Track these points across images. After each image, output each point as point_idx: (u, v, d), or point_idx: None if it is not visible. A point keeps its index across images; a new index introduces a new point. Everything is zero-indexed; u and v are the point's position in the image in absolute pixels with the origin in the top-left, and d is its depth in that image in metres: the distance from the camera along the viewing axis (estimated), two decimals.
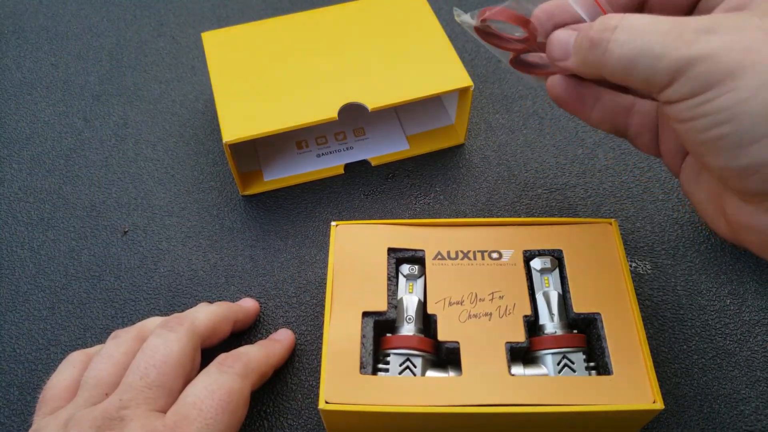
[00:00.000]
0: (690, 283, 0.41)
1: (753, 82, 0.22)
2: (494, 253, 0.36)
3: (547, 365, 0.32)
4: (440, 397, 0.30)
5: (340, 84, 0.44)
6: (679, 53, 0.23)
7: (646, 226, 0.44)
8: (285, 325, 0.40)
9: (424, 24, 0.48)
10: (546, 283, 0.35)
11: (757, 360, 0.38)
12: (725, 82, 0.22)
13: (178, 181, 0.48)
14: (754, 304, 0.40)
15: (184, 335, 0.33)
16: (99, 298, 0.42)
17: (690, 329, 0.39)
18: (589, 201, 0.45)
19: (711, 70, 0.22)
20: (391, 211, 0.46)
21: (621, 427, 0.33)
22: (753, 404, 0.37)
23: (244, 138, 0.41)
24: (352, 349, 0.32)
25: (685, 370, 0.38)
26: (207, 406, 0.30)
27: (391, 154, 0.49)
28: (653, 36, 0.23)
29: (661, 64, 0.23)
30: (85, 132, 0.51)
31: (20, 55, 0.57)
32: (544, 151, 0.48)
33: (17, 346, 0.40)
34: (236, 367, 0.32)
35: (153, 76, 0.55)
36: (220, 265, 0.43)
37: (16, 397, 0.38)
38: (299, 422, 0.37)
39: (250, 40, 0.48)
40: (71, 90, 0.54)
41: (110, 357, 0.32)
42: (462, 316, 0.33)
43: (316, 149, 0.49)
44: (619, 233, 0.36)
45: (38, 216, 0.46)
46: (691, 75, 0.23)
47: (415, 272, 0.36)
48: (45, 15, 0.61)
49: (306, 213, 0.46)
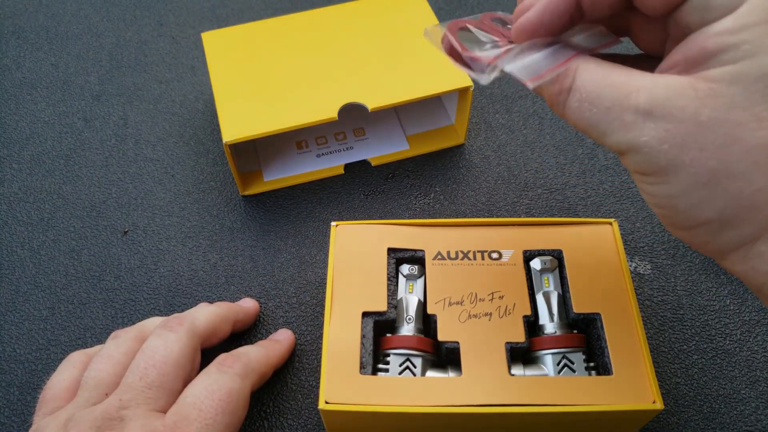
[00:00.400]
0: (690, 283, 0.41)
1: (683, 181, 0.22)
2: (494, 253, 0.36)
3: (547, 365, 0.32)
4: (440, 397, 0.30)
5: (340, 84, 0.44)
6: (618, 137, 0.23)
7: (646, 226, 0.44)
8: (285, 325, 0.40)
9: (424, 24, 0.48)
10: (546, 283, 0.35)
11: (756, 360, 0.38)
12: (659, 174, 0.23)
13: (178, 181, 0.48)
14: (754, 304, 0.40)
15: (184, 335, 0.33)
16: (99, 299, 0.42)
17: (690, 329, 0.39)
18: (589, 201, 0.45)
19: (646, 160, 0.23)
20: (391, 211, 0.46)
21: (621, 427, 0.33)
22: (753, 404, 0.37)
23: (244, 138, 0.41)
24: (352, 349, 0.32)
25: (685, 370, 0.38)
26: (207, 406, 0.30)
27: (391, 154, 0.49)
28: (598, 111, 0.23)
29: (606, 141, 0.24)
30: (85, 132, 0.51)
31: (20, 55, 0.57)
32: (544, 151, 0.48)
33: (17, 346, 0.40)
34: (236, 368, 0.32)
35: (153, 76, 0.55)
36: (220, 265, 0.43)
37: (16, 397, 0.38)
38: (299, 422, 0.37)
39: (250, 40, 0.48)
40: (71, 90, 0.54)
41: (110, 357, 0.32)
42: (462, 316, 0.33)
43: (316, 149, 0.49)
44: (619, 233, 0.36)
45: (38, 216, 0.46)
46: (631, 159, 0.23)
47: (415, 272, 0.36)
48: (45, 15, 0.61)
49: (306, 213, 0.46)
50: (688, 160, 0.22)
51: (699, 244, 0.24)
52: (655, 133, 0.22)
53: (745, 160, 0.21)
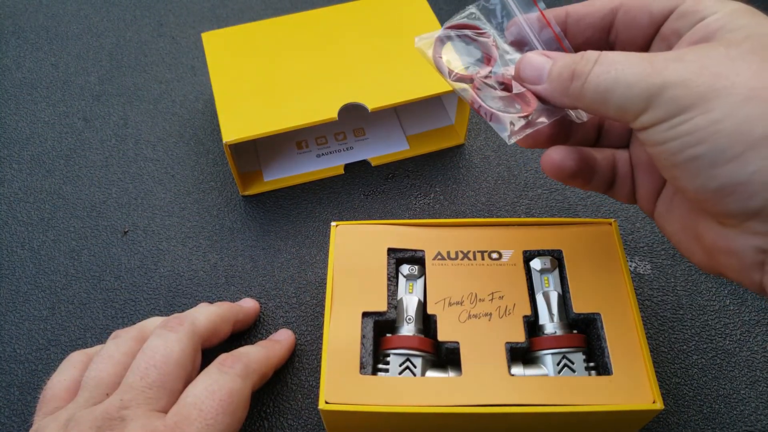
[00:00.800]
0: (690, 283, 0.41)
1: (726, 103, 0.23)
2: (494, 253, 0.36)
3: (547, 365, 0.32)
4: (440, 398, 0.30)
5: (340, 84, 0.44)
6: (652, 80, 0.24)
7: (645, 226, 0.44)
8: (285, 325, 0.41)
9: (424, 24, 0.48)
10: (546, 283, 0.35)
11: (756, 360, 0.38)
12: (698, 104, 0.23)
13: (178, 181, 0.48)
14: (753, 305, 0.40)
15: (185, 335, 0.33)
16: (99, 299, 0.42)
17: (690, 329, 0.39)
18: (588, 201, 0.45)
19: (683, 94, 0.23)
20: (391, 211, 0.46)
21: (621, 427, 0.33)
22: (753, 404, 0.37)
23: (244, 138, 0.41)
24: (352, 350, 0.32)
25: (685, 370, 0.38)
26: (207, 406, 0.30)
27: (391, 154, 0.49)
28: (627, 67, 0.25)
29: (634, 92, 0.24)
30: (85, 132, 0.51)
31: (20, 55, 0.57)
32: (544, 151, 0.48)
33: (17, 347, 0.40)
34: (237, 368, 0.32)
35: (153, 76, 0.55)
36: (220, 266, 0.43)
37: (17, 397, 0.38)
38: (299, 422, 0.37)
39: (250, 40, 0.48)
40: (71, 90, 0.54)
41: (110, 357, 0.32)
42: (462, 317, 0.33)
43: (316, 149, 0.49)
44: (618, 233, 0.36)
45: (38, 216, 0.46)
46: (664, 99, 0.24)
47: (415, 272, 0.36)
48: (45, 15, 0.61)
49: (306, 213, 0.46)
50: (729, 84, 0.23)
51: (733, 201, 0.23)
52: (691, 68, 0.23)
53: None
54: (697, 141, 0.23)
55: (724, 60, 0.23)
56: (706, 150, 0.23)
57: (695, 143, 0.23)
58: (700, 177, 0.24)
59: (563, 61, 0.27)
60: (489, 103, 0.29)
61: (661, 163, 0.25)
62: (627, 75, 0.24)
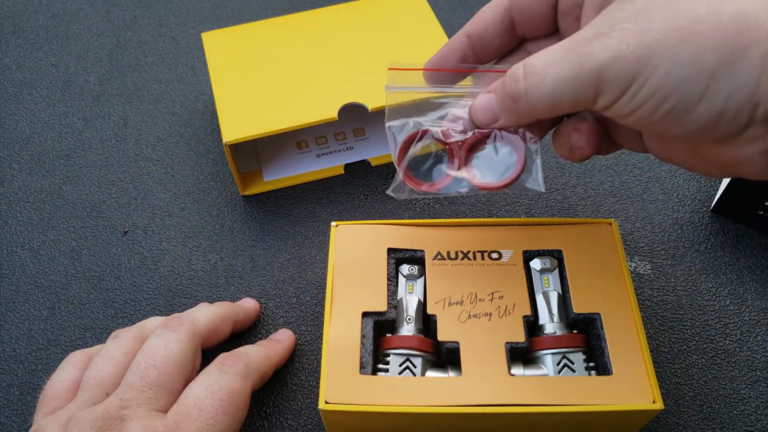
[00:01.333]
0: (690, 283, 0.41)
1: (665, 55, 0.23)
2: (494, 253, 0.36)
3: (547, 365, 0.32)
4: (440, 398, 0.30)
5: (340, 84, 0.44)
6: (587, 67, 0.24)
7: (645, 226, 0.44)
8: (285, 325, 0.40)
9: (424, 24, 0.48)
10: (546, 283, 0.35)
11: (757, 360, 0.38)
12: (642, 68, 0.23)
13: (178, 181, 0.48)
14: (754, 305, 0.40)
15: (185, 335, 0.33)
16: (99, 299, 0.42)
17: (690, 329, 0.39)
18: (588, 201, 0.45)
19: (623, 66, 0.23)
20: (391, 211, 0.46)
21: (621, 427, 0.33)
22: (753, 404, 0.37)
23: (244, 138, 0.41)
24: (352, 349, 0.32)
25: (685, 370, 0.38)
26: (207, 406, 0.30)
27: (391, 154, 0.48)
28: (556, 66, 0.25)
29: (577, 85, 0.24)
30: (85, 132, 0.51)
31: (20, 55, 0.57)
32: (544, 151, 0.48)
33: (17, 346, 0.40)
34: (237, 368, 0.32)
35: (153, 76, 0.55)
36: (220, 266, 0.43)
37: (17, 397, 0.38)
38: (299, 422, 0.37)
39: (249, 41, 0.48)
40: (71, 90, 0.54)
41: (110, 357, 0.32)
42: (462, 317, 0.33)
43: (316, 149, 0.49)
44: (618, 233, 0.36)
45: (38, 216, 0.46)
46: (609, 79, 0.24)
47: (415, 272, 0.36)
48: (45, 15, 0.61)
49: (306, 213, 0.46)
50: (656, 36, 0.23)
51: (723, 128, 0.24)
52: (616, 40, 0.24)
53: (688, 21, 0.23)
54: (663, 98, 0.23)
55: (637, 15, 0.23)
56: (676, 101, 0.23)
57: (662, 100, 0.23)
58: (683, 124, 0.24)
59: (500, 90, 0.28)
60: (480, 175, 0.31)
61: (640, 127, 0.26)
62: (561, 74, 0.25)
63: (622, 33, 0.23)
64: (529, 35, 0.31)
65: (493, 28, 0.31)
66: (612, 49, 0.23)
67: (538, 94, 0.25)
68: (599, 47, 0.24)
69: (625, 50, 0.23)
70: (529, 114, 0.27)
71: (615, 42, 0.23)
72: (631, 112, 0.24)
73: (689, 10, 0.23)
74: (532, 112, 0.26)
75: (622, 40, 0.23)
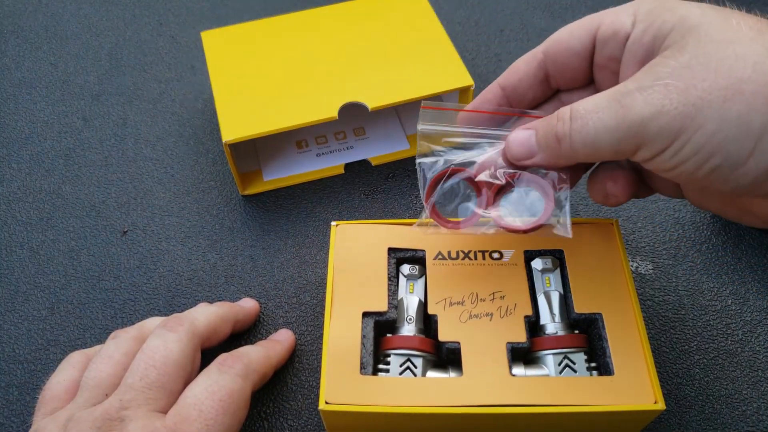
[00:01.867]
0: (691, 283, 0.41)
1: (711, 114, 0.23)
2: (495, 253, 0.36)
3: (548, 365, 0.32)
4: (441, 398, 0.30)
5: (340, 84, 0.44)
6: (630, 118, 0.24)
7: (647, 226, 0.44)
8: (285, 325, 0.40)
9: (424, 23, 0.48)
10: (547, 283, 0.35)
11: (759, 360, 0.38)
12: (687, 125, 0.23)
13: (177, 180, 0.48)
14: (755, 305, 0.40)
15: (184, 335, 0.32)
16: (98, 298, 0.42)
17: (691, 329, 0.39)
18: (589, 201, 0.45)
19: (666, 122, 0.23)
20: (392, 211, 0.46)
21: (622, 427, 0.33)
22: (755, 405, 0.36)
23: (244, 138, 0.41)
24: (353, 350, 0.32)
25: (687, 371, 0.38)
26: (207, 406, 0.30)
27: (391, 153, 0.48)
28: (601, 113, 0.25)
29: (620, 134, 0.24)
30: (84, 132, 0.51)
31: (20, 55, 0.57)
32: None
33: (17, 346, 0.40)
34: (237, 368, 0.32)
35: (153, 76, 0.55)
36: (219, 265, 0.43)
37: (16, 398, 0.38)
38: (299, 423, 0.37)
39: (249, 40, 0.48)
40: (70, 90, 0.54)
41: (110, 357, 0.32)
42: (463, 317, 0.33)
43: (316, 149, 0.49)
44: (620, 233, 0.36)
45: (38, 216, 0.46)
46: (652, 133, 0.24)
47: (415, 272, 0.35)
48: (45, 15, 0.61)
49: (306, 213, 0.46)
50: (701, 93, 0.23)
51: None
52: (660, 95, 0.24)
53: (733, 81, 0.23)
54: (708, 155, 0.23)
55: (681, 71, 0.23)
56: (722, 160, 0.23)
57: (707, 158, 0.23)
58: (729, 181, 0.24)
59: (543, 129, 0.28)
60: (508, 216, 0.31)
61: (681, 181, 0.26)
62: (605, 121, 0.25)
63: (665, 88, 0.23)
64: (563, 87, 0.31)
65: (527, 80, 0.31)
66: (655, 104, 0.23)
67: (580, 138, 0.26)
68: (641, 101, 0.24)
69: (668, 106, 0.23)
70: (570, 156, 0.27)
71: (658, 97, 0.23)
72: (674, 167, 0.24)
73: (735, 70, 0.23)
74: (573, 155, 0.27)
75: (665, 96, 0.23)
